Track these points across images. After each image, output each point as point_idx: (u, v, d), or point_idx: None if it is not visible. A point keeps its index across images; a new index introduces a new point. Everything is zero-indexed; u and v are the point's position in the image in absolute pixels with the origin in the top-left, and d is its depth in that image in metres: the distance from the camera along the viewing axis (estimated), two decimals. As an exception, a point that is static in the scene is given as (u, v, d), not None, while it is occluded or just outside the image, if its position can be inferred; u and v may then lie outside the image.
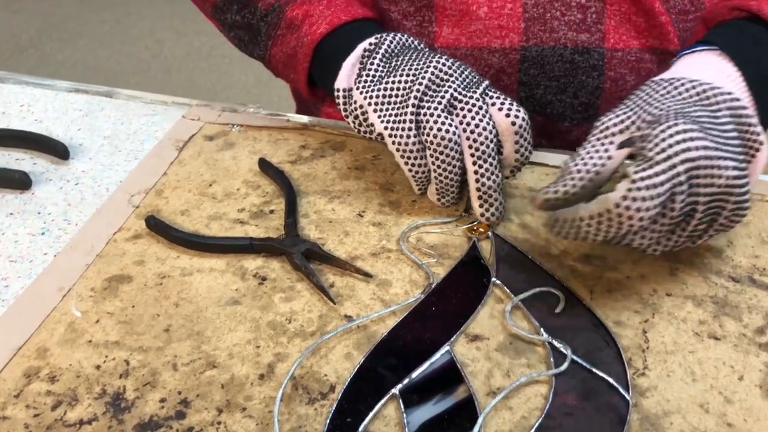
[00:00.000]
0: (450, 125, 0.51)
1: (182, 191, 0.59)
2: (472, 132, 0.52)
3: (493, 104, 0.53)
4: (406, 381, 0.44)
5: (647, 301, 0.49)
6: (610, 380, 0.44)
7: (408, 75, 0.54)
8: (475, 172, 0.52)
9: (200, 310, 0.49)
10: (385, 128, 0.54)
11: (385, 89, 0.54)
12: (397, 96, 0.54)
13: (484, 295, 0.49)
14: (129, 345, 0.46)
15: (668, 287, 0.50)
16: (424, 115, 0.52)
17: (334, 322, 0.48)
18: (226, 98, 2.26)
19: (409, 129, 0.53)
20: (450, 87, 0.53)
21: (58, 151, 0.64)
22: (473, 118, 0.52)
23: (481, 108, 0.52)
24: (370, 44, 0.57)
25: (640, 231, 0.45)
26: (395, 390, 0.43)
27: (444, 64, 0.54)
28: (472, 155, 0.52)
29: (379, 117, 0.54)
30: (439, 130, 0.51)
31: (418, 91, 0.53)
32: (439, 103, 0.52)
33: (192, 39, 2.57)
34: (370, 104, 0.54)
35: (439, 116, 0.52)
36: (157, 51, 2.58)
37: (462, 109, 0.52)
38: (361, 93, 0.55)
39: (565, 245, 0.54)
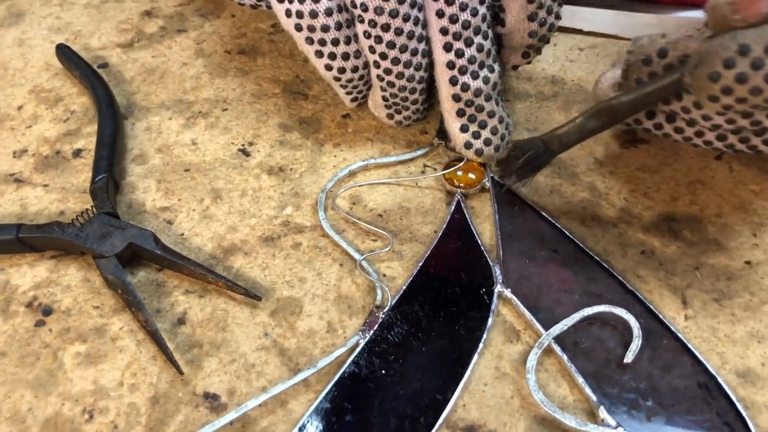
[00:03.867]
0: None
1: None
2: None
3: None
4: None
5: (793, 317, 0.26)
6: None
7: None
8: (451, 65, 0.27)
9: None
10: (275, -17, 0.27)
11: None
12: None
13: (485, 328, 0.25)
14: None
15: (828, 283, 0.27)
16: (351, -48, 0.25)
17: (181, 413, 0.24)
18: None
19: (321, -16, 0.26)
20: None
21: None
22: None
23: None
24: None
25: None
26: None
27: None
28: (445, 31, 0.26)
29: (261, -40, 0.27)
30: (380, -18, 0.25)
31: None
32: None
33: None
34: (240, -67, 0.27)
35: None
36: None
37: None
38: None
39: (627, 198, 0.29)
